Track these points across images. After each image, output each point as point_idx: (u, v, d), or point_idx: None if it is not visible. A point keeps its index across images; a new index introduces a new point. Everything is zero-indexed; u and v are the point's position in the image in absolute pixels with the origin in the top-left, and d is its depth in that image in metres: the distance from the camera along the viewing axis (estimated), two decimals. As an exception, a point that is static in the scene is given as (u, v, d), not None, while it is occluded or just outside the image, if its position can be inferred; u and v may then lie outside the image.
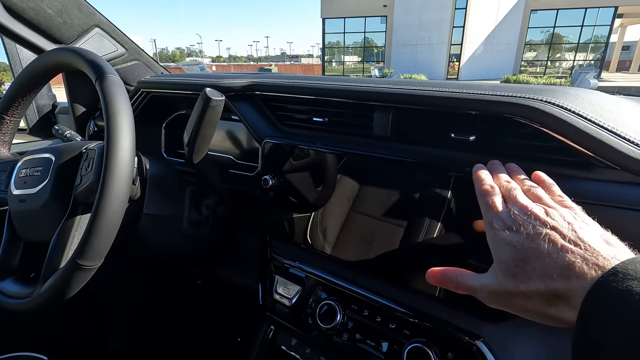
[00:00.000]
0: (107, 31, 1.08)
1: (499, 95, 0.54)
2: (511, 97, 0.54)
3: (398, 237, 0.65)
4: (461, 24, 18.21)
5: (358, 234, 0.70)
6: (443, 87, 0.61)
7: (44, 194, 0.63)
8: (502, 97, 0.54)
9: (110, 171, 0.55)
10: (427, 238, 0.62)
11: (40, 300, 0.59)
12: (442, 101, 0.58)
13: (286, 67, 31.18)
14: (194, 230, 0.87)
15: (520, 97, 0.53)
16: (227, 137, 1.05)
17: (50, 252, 0.61)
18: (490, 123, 0.58)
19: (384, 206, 0.67)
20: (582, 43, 19.22)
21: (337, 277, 0.72)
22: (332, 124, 0.75)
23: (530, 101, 0.52)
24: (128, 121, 0.58)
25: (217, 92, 0.68)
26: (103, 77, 0.60)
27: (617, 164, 0.48)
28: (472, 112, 0.56)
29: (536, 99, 0.52)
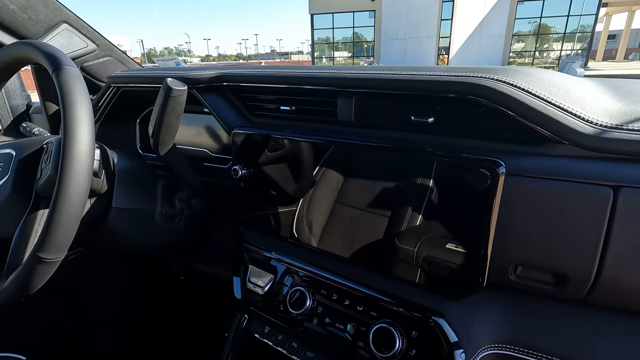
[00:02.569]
0: (76, 27, 1.06)
1: (452, 75, 0.55)
2: (463, 76, 0.54)
3: (382, 227, 0.65)
4: (449, 17, 18.25)
5: (344, 225, 0.71)
6: (402, 71, 0.62)
7: (5, 189, 0.63)
8: (454, 77, 0.55)
9: (68, 163, 0.54)
10: (410, 226, 0.63)
11: (2, 295, 0.58)
12: (398, 84, 0.58)
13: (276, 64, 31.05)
14: (168, 224, 0.87)
15: (471, 77, 0.53)
16: (202, 130, 1.05)
17: (12, 247, 0.60)
18: (447, 104, 0.58)
19: (369, 197, 0.68)
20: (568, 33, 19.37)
21: (306, 263, 0.72)
22: (300, 112, 0.76)
23: (481, 80, 0.52)
24: (86, 113, 0.58)
25: (179, 82, 0.68)
26: (60, 68, 0.59)
27: (566, 139, 0.49)
28: (427, 93, 0.57)
29: (487, 78, 0.52)
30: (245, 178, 0.79)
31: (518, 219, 0.51)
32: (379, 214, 0.68)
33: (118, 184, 0.77)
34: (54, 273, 0.57)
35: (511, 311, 0.55)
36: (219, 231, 1.05)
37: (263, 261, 0.79)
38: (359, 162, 0.68)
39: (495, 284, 0.55)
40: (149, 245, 0.88)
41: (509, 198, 0.51)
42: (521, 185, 0.50)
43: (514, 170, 0.50)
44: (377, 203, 0.68)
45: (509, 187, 0.51)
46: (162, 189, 0.86)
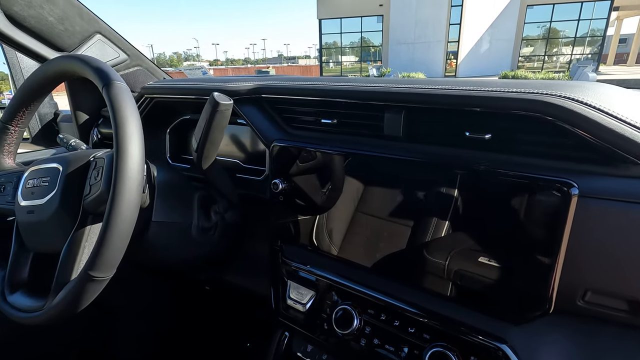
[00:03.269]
0: (109, 37, 1.07)
1: (516, 92, 0.53)
2: (528, 93, 0.52)
3: (405, 237, 0.64)
4: (458, 22, 18.21)
5: (364, 235, 0.70)
6: (455, 86, 0.60)
7: (52, 204, 0.62)
8: (518, 94, 0.53)
9: (121, 180, 0.53)
10: (435, 237, 0.62)
11: (52, 313, 0.58)
12: (457, 100, 0.57)
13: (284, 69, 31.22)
14: (204, 237, 0.86)
15: (537, 94, 0.52)
16: (233, 141, 1.04)
17: (60, 263, 0.60)
18: (506, 120, 0.56)
19: (389, 206, 0.67)
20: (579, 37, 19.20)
21: (351, 280, 0.71)
22: (341, 125, 0.74)
23: (549, 97, 0.50)
24: (137, 128, 0.57)
25: (225, 97, 0.67)
26: (110, 84, 0.59)
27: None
28: (488, 110, 0.55)
29: (554, 95, 0.50)
30: (285, 192, 0.78)
31: (589, 243, 0.49)
32: (400, 224, 0.67)
33: (157, 197, 0.76)
34: None
35: (581, 338, 0.53)
36: (250, 242, 1.03)
37: (303, 277, 0.77)
38: (379, 171, 0.67)
39: (560, 309, 0.52)
40: (185, 258, 0.87)
41: (580, 221, 0.49)
42: (594, 207, 0.48)
43: (586, 191, 0.48)
44: (399, 212, 0.66)
45: (580, 209, 0.49)
46: (199, 201, 0.85)
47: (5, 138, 0.76)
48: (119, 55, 1.11)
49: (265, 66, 31.85)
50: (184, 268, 1.02)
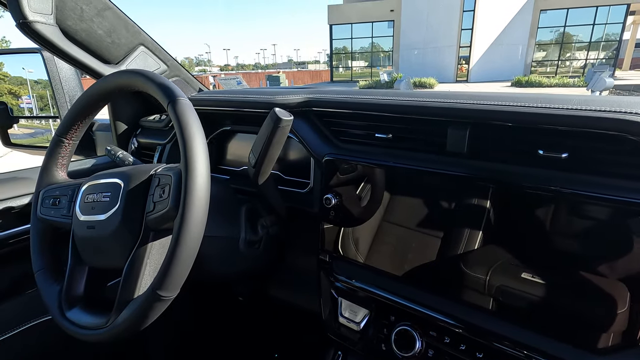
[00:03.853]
0: (151, 49, 1.08)
1: (597, 110, 0.51)
2: (611, 112, 0.50)
3: (434, 248, 0.63)
4: (469, 26, 18.12)
5: (391, 244, 0.69)
6: (525, 102, 0.58)
7: (114, 220, 0.62)
8: (601, 112, 0.51)
9: (191, 199, 0.53)
10: (468, 249, 0.60)
11: (116, 331, 0.57)
12: (535, 118, 0.55)
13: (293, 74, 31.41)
14: (250, 250, 0.85)
15: (621, 112, 0.50)
16: None
17: (123, 281, 0.59)
18: (585, 139, 0.54)
19: (417, 216, 0.66)
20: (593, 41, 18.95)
21: (410, 300, 0.69)
22: (397, 140, 0.73)
23: (633, 116, 0.48)
24: (203, 146, 0.57)
25: (286, 112, 0.67)
26: (175, 100, 0.59)
27: None
28: (569, 128, 0.53)
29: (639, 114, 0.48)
30: (337, 207, 0.77)
31: None
32: (429, 234, 0.65)
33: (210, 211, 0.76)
34: None
35: None
36: (289, 255, 1.02)
37: (356, 294, 0.75)
38: (406, 180, 0.67)
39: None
40: (231, 272, 0.87)
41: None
42: None
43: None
44: (427, 222, 0.65)
45: None
46: (246, 214, 0.85)
47: (60, 151, 0.76)
48: (160, 67, 1.12)
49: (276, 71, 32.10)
50: (227, 281, 1.01)
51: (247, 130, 1.02)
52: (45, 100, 1.73)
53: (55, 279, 0.70)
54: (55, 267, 0.72)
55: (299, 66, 67.05)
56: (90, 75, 0.94)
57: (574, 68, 19.85)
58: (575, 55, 20.03)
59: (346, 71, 24.43)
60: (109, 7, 0.92)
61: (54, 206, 0.72)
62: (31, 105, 1.79)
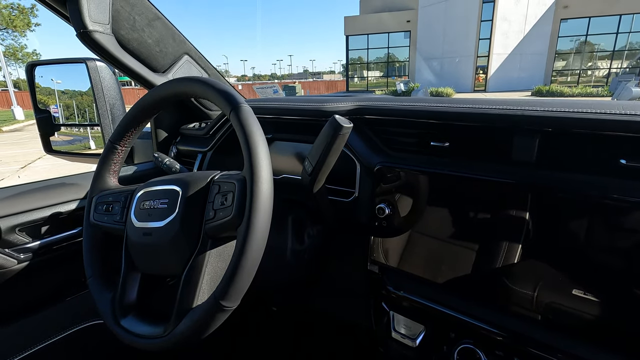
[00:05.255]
0: (194, 58, 1.09)
1: None
2: None
3: (469, 260, 0.61)
4: (487, 36, 17.98)
5: (422, 255, 0.67)
6: (605, 109, 0.55)
7: (173, 227, 0.61)
8: None
9: (257, 207, 0.52)
10: (507, 263, 0.58)
11: (176, 340, 0.56)
12: (619, 125, 0.52)
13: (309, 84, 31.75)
14: (296, 260, 0.83)
15: None
16: None
17: (182, 289, 0.58)
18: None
19: (449, 227, 0.64)
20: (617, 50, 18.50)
21: (470, 316, 0.65)
22: (455, 148, 0.70)
23: None
24: (267, 153, 0.56)
25: (346, 120, 0.65)
26: (238, 107, 0.58)
27: None
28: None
29: None
30: (389, 217, 0.74)
31: None
32: (463, 246, 0.62)
33: None
34: None
35: None
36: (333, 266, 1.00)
37: (410, 308, 0.72)
38: (443, 191, 0.65)
39: None
40: (276, 282, 0.85)
41: None
42: None
43: None
44: (460, 234, 0.62)
45: None
46: (293, 224, 0.83)
47: (113, 157, 0.77)
48: (202, 75, 1.13)
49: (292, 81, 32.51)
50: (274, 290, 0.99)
51: (288, 139, 1.02)
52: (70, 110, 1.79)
53: (107, 286, 0.70)
54: (108, 274, 0.72)
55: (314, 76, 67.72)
56: (140, 82, 0.96)
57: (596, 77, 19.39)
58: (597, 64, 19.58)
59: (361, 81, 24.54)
60: (159, 17, 0.94)
61: (107, 212, 0.73)
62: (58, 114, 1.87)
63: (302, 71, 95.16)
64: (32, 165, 6.05)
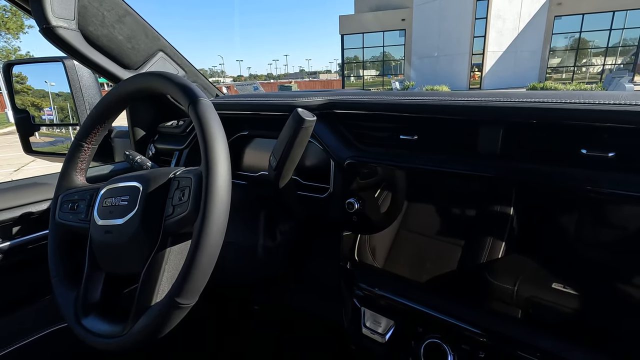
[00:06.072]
0: (170, 55, 1.08)
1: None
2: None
3: (454, 257, 0.61)
4: (482, 34, 18.01)
5: (409, 253, 0.67)
6: (567, 98, 0.55)
7: (132, 224, 0.60)
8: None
9: (212, 202, 0.51)
10: (491, 259, 0.57)
11: (133, 339, 0.55)
12: (579, 114, 0.51)
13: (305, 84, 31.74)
14: (268, 257, 0.82)
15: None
16: None
17: (140, 287, 0.57)
18: (635, 137, 0.50)
19: (436, 224, 0.63)
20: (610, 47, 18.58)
21: (439, 311, 0.64)
22: (423, 142, 0.70)
23: None
24: (225, 147, 0.55)
25: (309, 113, 0.64)
26: (197, 101, 0.57)
27: None
28: (619, 125, 0.49)
29: None
30: (359, 212, 0.73)
31: None
32: (449, 242, 0.62)
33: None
34: None
35: None
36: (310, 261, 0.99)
37: (380, 304, 0.72)
38: (426, 186, 0.64)
39: None
40: (248, 279, 0.84)
41: None
42: None
43: None
44: (446, 230, 0.62)
45: None
46: (264, 220, 0.82)
47: (79, 155, 0.76)
48: (178, 72, 1.12)
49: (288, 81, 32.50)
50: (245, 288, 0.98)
51: (265, 135, 1.01)
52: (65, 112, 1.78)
53: (72, 286, 0.68)
54: (72, 273, 0.71)
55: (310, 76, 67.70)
56: (111, 80, 0.94)
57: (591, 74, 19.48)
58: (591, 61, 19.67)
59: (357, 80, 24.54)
60: (129, 13, 0.92)
61: (72, 211, 0.71)
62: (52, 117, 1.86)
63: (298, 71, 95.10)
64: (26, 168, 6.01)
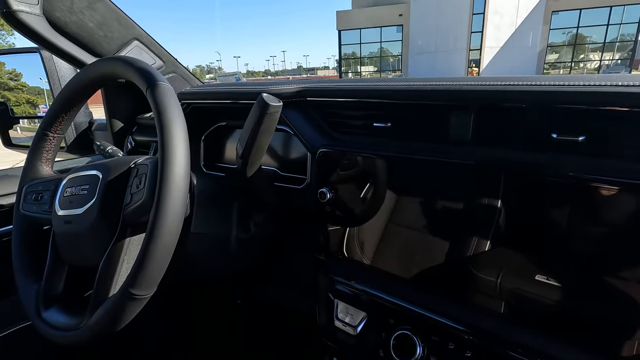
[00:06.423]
0: (146, 44, 1.05)
1: (629, 85, 0.45)
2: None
3: (442, 250, 0.60)
4: (479, 29, 17.96)
5: (398, 247, 0.66)
6: (537, 81, 0.53)
7: (91, 214, 0.58)
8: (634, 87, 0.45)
9: (166, 188, 0.49)
10: (478, 251, 0.56)
11: (89, 333, 0.53)
12: (548, 97, 0.49)
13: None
14: (242, 249, 0.81)
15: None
16: (270, 147, 0.99)
17: (98, 279, 0.55)
18: (606, 119, 0.49)
19: (424, 218, 0.62)
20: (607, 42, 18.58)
21: (410, 302, 0.63)
22: (397, 129, 0.68)
23: None
24: (183, 133, 0.53)
25: (275, 98, 0.62)
26: (155, 85, 0.55)
27: None
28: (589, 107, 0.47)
29: None
30: (332, 202, 0.72)
31: None
32: (437, 236, 0.61)
33: (197, 207, 0.71)
34: None
35: None
36: (286, 255, 0.97)
37: (353, 296, 0.70)
38: (411, 178, 0.63)
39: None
40: (223, 271, 0.82)
41: None
42: None
43: None
44: (435, 224, 0.61)
45: None
46: (237, 212, 0.80)
47: (44, 145, 0.73)
48: (155, 62, 1.09)
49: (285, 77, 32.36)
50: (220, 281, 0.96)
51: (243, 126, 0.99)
52: None
53: (35, 279, 0.66)
54: (36, 266, 0.68)
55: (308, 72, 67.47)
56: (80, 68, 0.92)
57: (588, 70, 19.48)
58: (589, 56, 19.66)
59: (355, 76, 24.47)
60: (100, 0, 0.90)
61: (36, 202, 0.69)
62: None
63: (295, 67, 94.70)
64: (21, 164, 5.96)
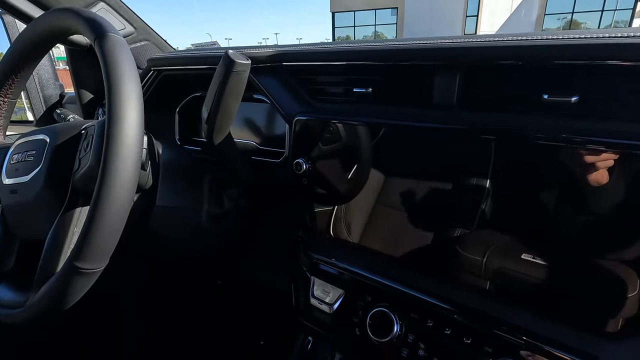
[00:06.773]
0: (114, 7, 0.97)
1: (628, 37, 0.41)
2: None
3: (430, 230, 0.57)
4: (474, 13, 17.73)
5: (385, 227, 0.63)
6: (526, 37, 0.48)
7: (37, 182, 0.53)
8: (633, 38, 0.40)
9: (113, 151, 0.43)
10: (466, 231, 0.53)
11: (34, 310, 0.48)
12: (539, 51, 0.45)
13: (296, 64, 31.17)
14: (215, 225, 0.76)
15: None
16: (248, 119, 0.94)
17: (45, 252, 0.50)
18: (602, 77, 0.44)
19: (412, 198, 0.60)
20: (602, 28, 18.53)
21: (388, 278, 0.59)
22: (378, 94, 0.63)
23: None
24: (135, 88, 0.47)
25: (242, 56, 0.56)
26: (104, 36, 0.49)
27: None
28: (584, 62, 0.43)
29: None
30: (309, 173, 0.67)
31: None
32: (425, 216, 0.58)
33: (163, 178, 0.66)
34: None
35: None
36: (265, 232, 0.93)
37: (330, 273, 0.66)
38: (401, 159, 0.60)
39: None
40: (193, 248, 0.78)
41: None
42: None
43: None
44: (422, 204, 0.58)
45: None
46: (209, 185, 0.75)
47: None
48: (125, 28, 1.01)
49: (278, 61, 31.78)
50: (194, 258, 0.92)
51: None
52: None
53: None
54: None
55: (301, 56, 66.28)
56: None
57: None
58: (582, 43, 19.63)
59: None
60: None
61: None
62: None
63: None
64: None
